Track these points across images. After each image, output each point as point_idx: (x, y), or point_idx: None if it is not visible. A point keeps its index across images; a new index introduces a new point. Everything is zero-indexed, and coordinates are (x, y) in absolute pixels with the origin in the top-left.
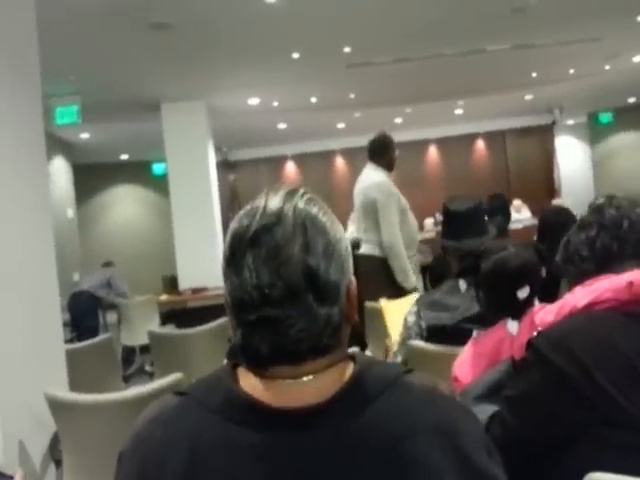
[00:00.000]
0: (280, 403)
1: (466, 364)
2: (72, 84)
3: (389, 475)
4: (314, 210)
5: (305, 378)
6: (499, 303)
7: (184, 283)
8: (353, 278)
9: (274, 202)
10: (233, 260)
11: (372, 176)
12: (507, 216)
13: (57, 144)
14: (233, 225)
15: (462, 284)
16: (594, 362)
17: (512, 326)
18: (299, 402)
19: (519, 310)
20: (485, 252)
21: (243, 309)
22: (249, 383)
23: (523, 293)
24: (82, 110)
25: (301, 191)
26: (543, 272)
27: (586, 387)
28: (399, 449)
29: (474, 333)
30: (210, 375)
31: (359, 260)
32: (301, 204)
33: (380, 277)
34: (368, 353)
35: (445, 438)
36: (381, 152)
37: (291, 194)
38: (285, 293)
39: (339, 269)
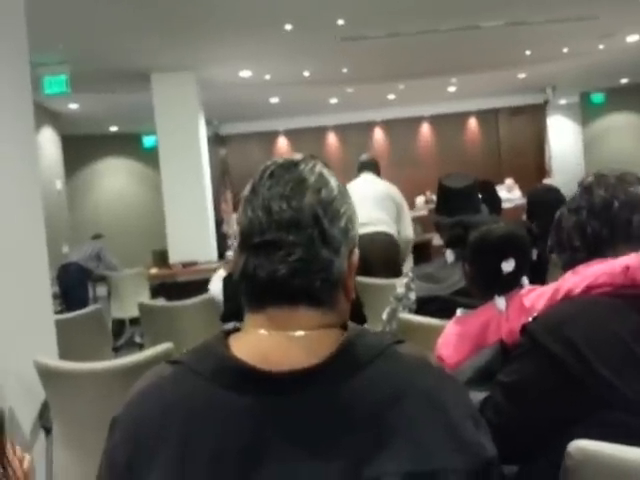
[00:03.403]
0: (271, 366)
1: (451, 344)
2: (60, 53)
3: (375, 441)
4: (330, 174)
5: (297, 333)
6: (483, 275)
7: (174, 257)
8: (357, 251)
9: (296, 156)
10: (251, 194)
11: (385, 183)
12: (497, 204)
13: (45, 114)
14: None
15: (449, 255)
16: (590, 348)
17: (500, 303)
18: (290, 365)
19: (504, 285)
20: (476, 224)
21: (250, 233)
22: (241, 349)
23: (508, 266)
24: (71, 80)
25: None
26: (534, 254)
27: (582, 373)
28: (386, 416)
29: (458, 312)
30: (202, 343)
31: (377, 236)
32: (319, 166)
33: (394, 253)
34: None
35: (432, 407)
36: (378, 167)
37: (312, 157)
38: (292, 219)
39: (342, 231)
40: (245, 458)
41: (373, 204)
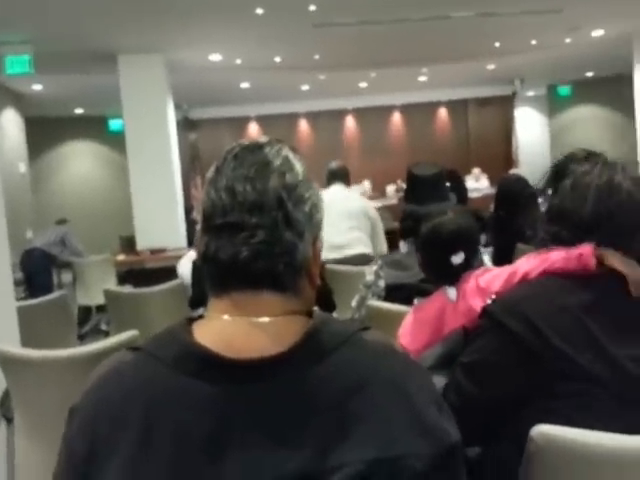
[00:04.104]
0: (235, 353)
1: (408, 333)
2: (23, 32)
3: (340, 428)
4: (296, 159)
5: (261, 319)
6: (434, 267)
7: (142, 243)
8: (322, 238)
9: (261, 139)
10: (214, 175)
11: (359, 197)
12: (464, 193)
13: (8, 95)
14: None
15: (402, 246)
16: (545, 323)
17: (451, 293)
18: (255, 352)
19: (454, 275)
20: (426, 216)
21: (212, 214)
22: (204, 336)
23: (457, 259)
24: (35, 60)
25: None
26: (482, 239)
27: (540, 347)
28: (351, 403)
29: (415, 301)
30: (164, 330)
31: (355, 259)
32: (285, 150)
33: None
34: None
35: (397, 393)
36: (348, 177)
37: (278, 141)
38: (256, 202)
39: (306, 216)
40: (208, 446)
41: (349, 223)
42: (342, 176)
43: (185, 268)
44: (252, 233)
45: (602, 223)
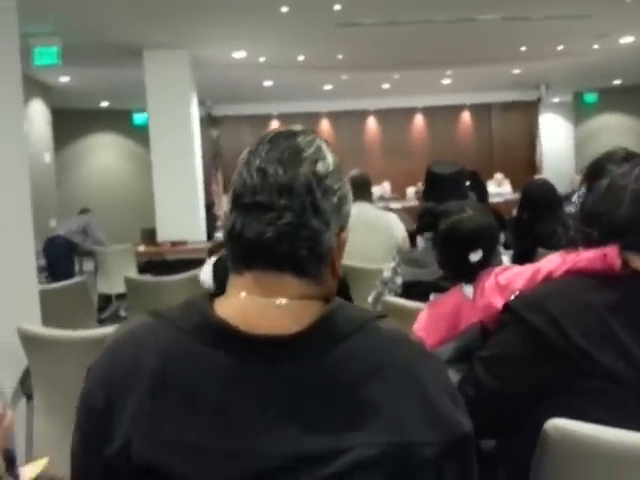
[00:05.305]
0: (251, 329)
1: (425, 328)
2: (52, 24)
3: (353, 411)
4: (328, 150)
5: (278, 301)
6: (452, 264)
7: (162, 236)
8: (348, 229)
9: (296, 127)
10: (248, 156)
11: (387, 222)
12: (484, 193)
13: (36, 87)
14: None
15: (420, 242)
16: (568, 320)
17: (468, 290)
18: (270, 330)
19: (471, 273)
20: (445, 212)
21: (243, 193)
22: (224, 309)
23: (475, 256)
24: (62, 52)
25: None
26: (502, 237)
27: (562, 344)
28: (365, 387)
29: (431, 297)
30: (185, 300)
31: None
32: (318, 140)
33: None
34: None
35: (410, 381)
36: (371, 189)
37: (313, 131)
38: (286, 185)
39: (333, 207)
40: (220, 416)
41: (388, 249)
42: (365, 192)
43: (207, 275)
44: (280, 214)
45: (634, 227)
